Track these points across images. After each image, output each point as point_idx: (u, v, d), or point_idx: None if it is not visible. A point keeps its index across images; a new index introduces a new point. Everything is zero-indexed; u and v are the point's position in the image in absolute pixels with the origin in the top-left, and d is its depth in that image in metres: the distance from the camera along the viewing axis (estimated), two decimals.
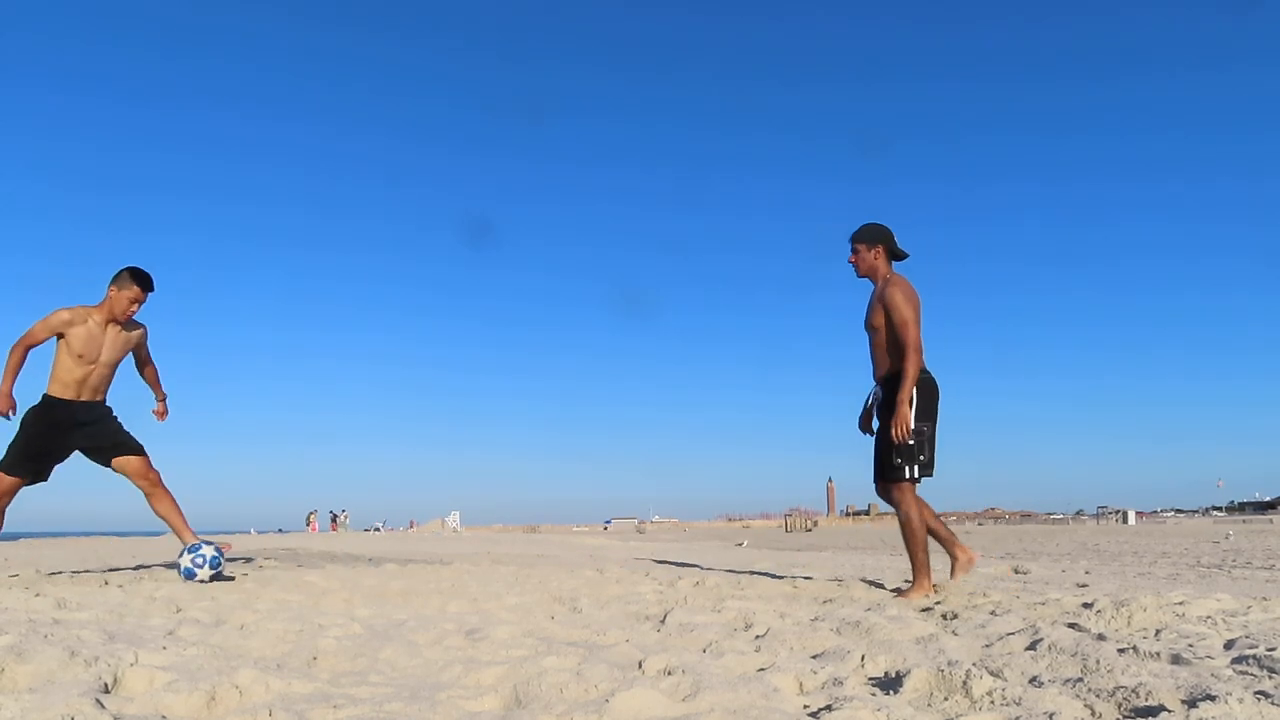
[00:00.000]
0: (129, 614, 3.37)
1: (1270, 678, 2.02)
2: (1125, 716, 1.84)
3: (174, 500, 5.36)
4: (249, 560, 7.41)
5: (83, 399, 5.13)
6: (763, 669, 2.33)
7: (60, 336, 5.03)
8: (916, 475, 4.27)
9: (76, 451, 5.19)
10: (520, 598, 4.13)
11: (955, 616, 3.30)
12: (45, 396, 5.09)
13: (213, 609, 3.50)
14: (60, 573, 5.56)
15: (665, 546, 15.89)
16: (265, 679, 2.07)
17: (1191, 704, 1.78)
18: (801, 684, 2.19)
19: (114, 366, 5.23)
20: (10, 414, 5.02)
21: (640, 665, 2.35)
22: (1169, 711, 1.78)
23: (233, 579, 4.96)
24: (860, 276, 4.55)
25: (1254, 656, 2.22)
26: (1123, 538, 21.44)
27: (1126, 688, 1.93)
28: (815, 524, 67.46)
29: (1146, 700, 1.86)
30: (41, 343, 5.06)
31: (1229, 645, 2.51)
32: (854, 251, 4.52)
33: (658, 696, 1.97)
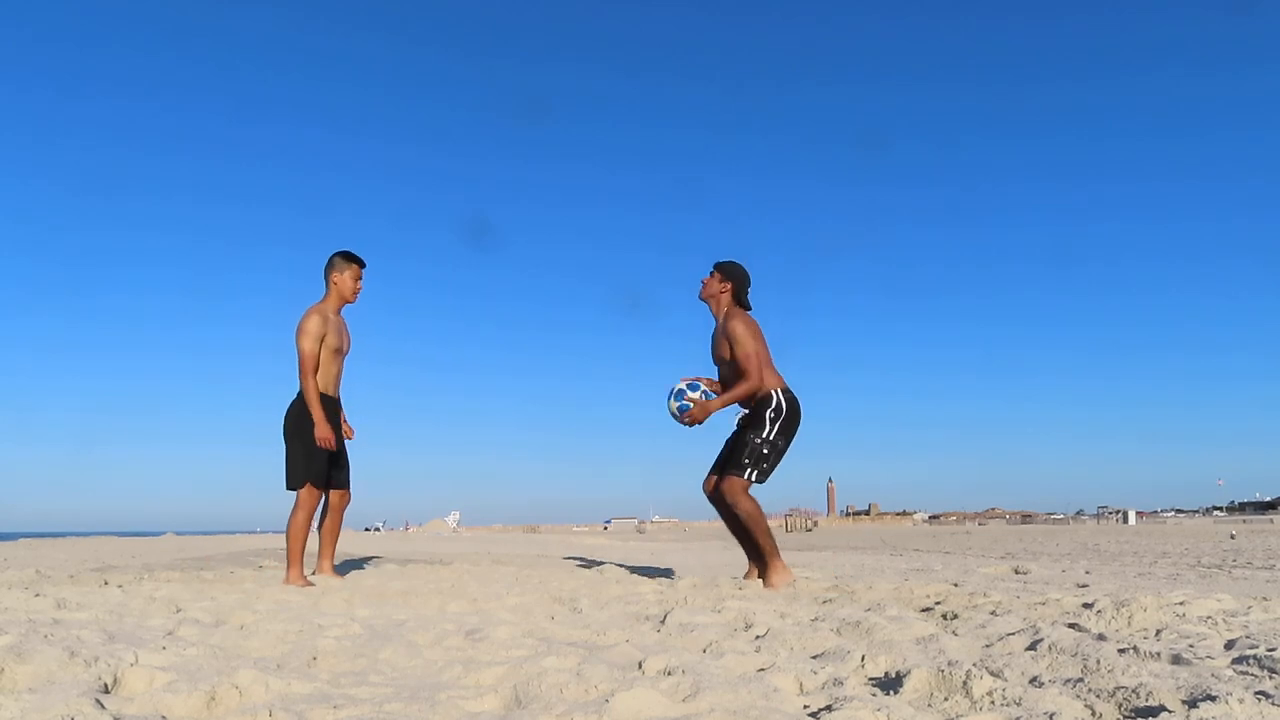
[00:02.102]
0: (129, 614, 3.37)
1: (1270, 678, 2.02)
2: (1125, 717, 1.84)
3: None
4: (249, 560, 7.41)
5: (337, 395, 5.17)
6: (763, 669, 2.32)
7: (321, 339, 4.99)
8: (756, 479, 4.61)
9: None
10: (520, 598, 4.13)
11: (955, 616, 3.30)
12: (323, 397, 4.97)
13: (213, 609, 3.50)
14: (60, 573, 5.56)
15: (665, 546, 15.88)
16: (265, 679, 2.07)
17: (1192, 704, 1.78)
18: (801, 684, 2.19)
19: None
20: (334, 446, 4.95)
21: (640, 665, 2.35)
22: (1169, 712, 1.77)
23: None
24: (701, 299, 4.88)
25: (1254, 657, 2.22)
26: (1123, 538, 21.43)
27: (1127, 688, 1.93)
28: (815, 524, 67.49)
29: (1147, 700, 1.86)
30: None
31: (1229, 645, 2.51)
32: (710, 274, 4.85)
33: (658, 697, 1.97)
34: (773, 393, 4.62)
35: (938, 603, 3.79)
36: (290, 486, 4.99)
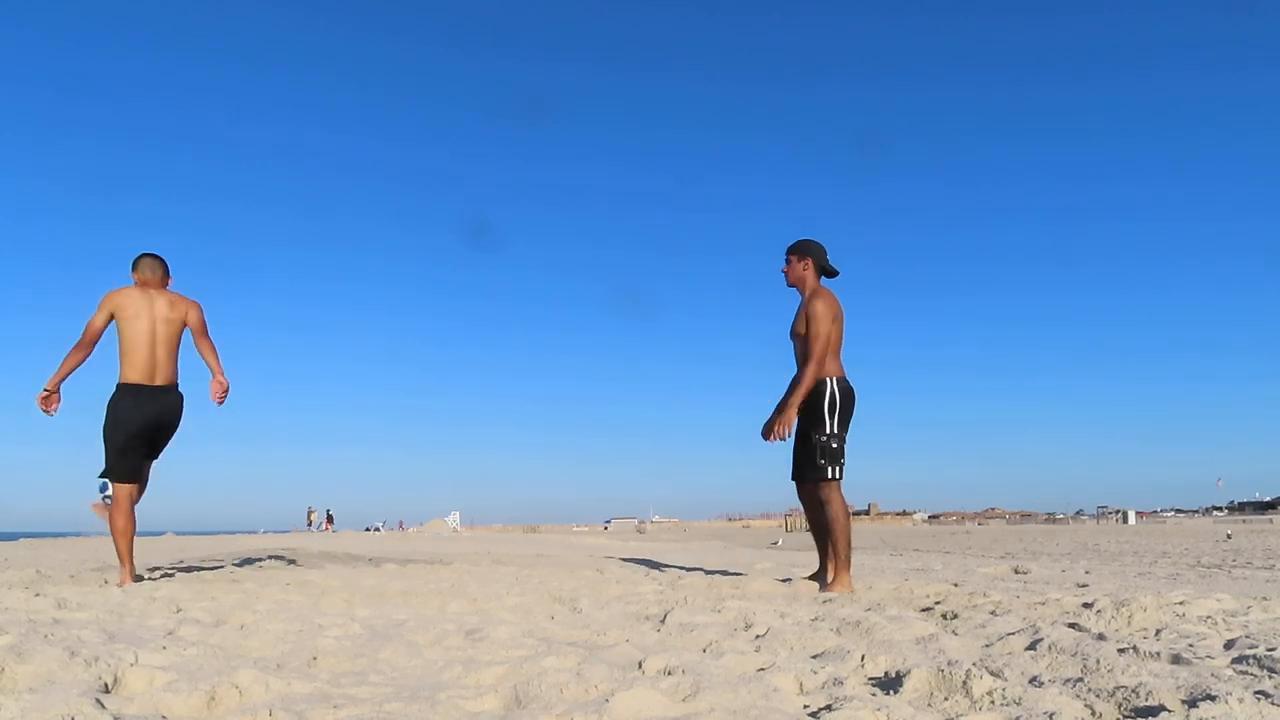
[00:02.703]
0: (129, 614, 3.37)
1: (1270, 678, 2.02)
2: (1125, 716, 1.84)
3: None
4: (249, 560, 7.41)
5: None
6: (763, 669, 2.32)
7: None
8: (838, 475, 4.59)
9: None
10: (520, 598, 4.13)
11: (955, 616, 3.30)
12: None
13: (213, 609, 3.50)
14: (60, 573, 5.56)
15: (665, 546, 15.89)
16: (265, 679, 2.07)
17: (1192, 704, 1.78)
18: (801, 684, 2.19)
19: None
20: None
21: (640, 665, 2.35)
22: (1169, 711, 1.78)
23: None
24: (789, 285, 4.87)
25: (1254, 656, 2.22)
26: (1123, 538, 21.44)
27: (1127, 688, 1.93)
28: None
29: (1146, 700, 1.86)
30: None
31: (1229, 645, 2.51)
32: (786, 261, 4.85)
33: (658, 696, 1.97)
34: (826, 381, 4.58)
35: (938, 603, 3.79)
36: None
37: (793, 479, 4.84)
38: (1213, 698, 1.78)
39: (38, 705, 1.80)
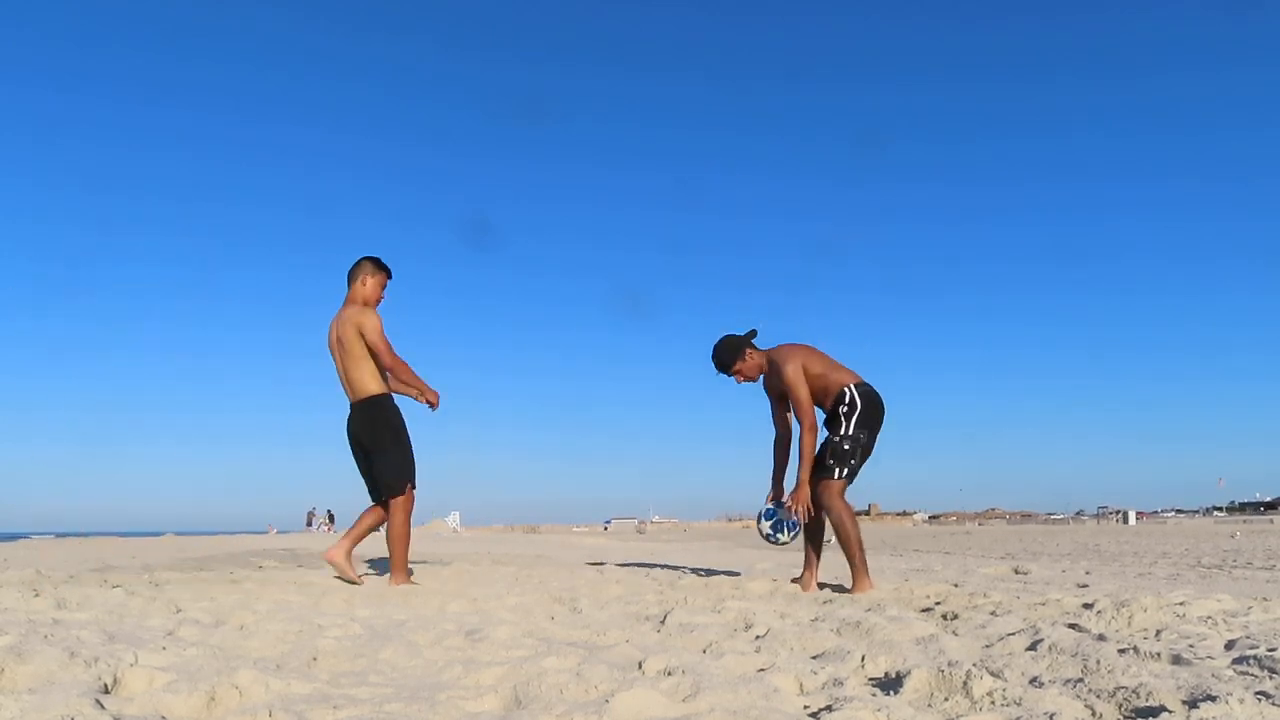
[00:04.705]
0: (129, 614, 3.37)
1: (1271, 678, 2.02)
2: (1126, 717, 1.84)
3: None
4: (249, 560, 7.41)
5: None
6: (763, 669, 2.32)
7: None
8: (845, 477, 4.55)
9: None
10: (520, 598, 4.13)
11: (955, 617, 3.30)
12: (389, 396, 4.94)
13: (212, 609, 3.50)
14: (60, 573, 5.56)
15: (665, 547, 15.89)
16: (265, 679, 2.07)
17: (1192, 704, 1.78)
18: (802, 684, 2.19)
19: None
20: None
21: (640, 666, 2.35)
22: (1169, 712, 1.77)
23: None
24: (751, 382, 4.83)
25: (1254, 657, 2.22)
26: (1123, 538, 21.44)
27: (1127, 688, 1.93)
28: None
29: (1147, 701, 1.86)
30: None
31: (1229, 645, 2.51)
32: (735, 376, 4.79)
33: (658, 697, 1.97)
34: (845, 389, 4.57)
35: (938, 603, 3.79)
36: (396, 492, 4.92)
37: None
38: (1213, 698, 1.78)
39: (37, 705, 1.80)
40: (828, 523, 4.70)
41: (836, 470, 4.52)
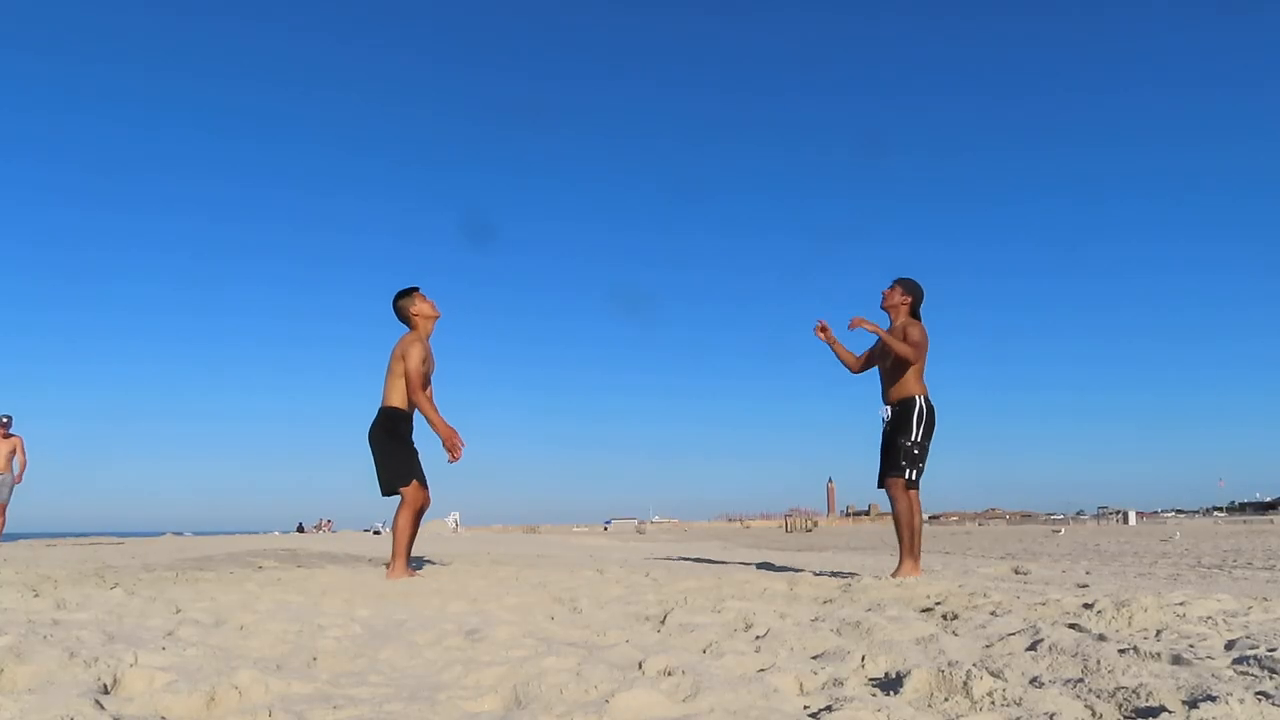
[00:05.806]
0: (129, 614, 3.37)
1: (1271, 678, 2.02)
2: (1126, 717, 1.84)
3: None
4: (249, 560, 7.41)
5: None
6: (763, 669, 2.32)
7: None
8: (914, 477, 5.25)
9: None
10: (520, 598, 4.12)
11: (955, 617, 3.30)
12: (399, 409, 5.43)
13: (212, 609, 3.50)
14: (60, 573, 5.56)
15: (665, 547, 15.88)
16: (265, 679, 2.07)
17: (1192, 704, 1.78)
18: (802, 684, 2.19)
19: None
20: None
21: (640, 666, 2.34)
22: (1169, 712, 1.77)
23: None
24: (882, 308, 5.47)
25: (1255, 657, 2.22)
26: (1123, 538, 21.43)
27: (1127, 688, 1.93)
28: (815, 524, 67.40)
29: (1147, 701, 1.86)
30: None
31: (1230, 646, 2.51)
32: (890, 286, 5.44)
33: (658, 697, 1.97)
34: (916, 398, 5.22)
35: (938, 603, 3.79)
36: (393, 489, 5.38)
37: (878, 486, 5.39)
38: (1213, 698, 1.78)
39: (37, 706, 1.80)
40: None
41: (909, 471, 5.18)
